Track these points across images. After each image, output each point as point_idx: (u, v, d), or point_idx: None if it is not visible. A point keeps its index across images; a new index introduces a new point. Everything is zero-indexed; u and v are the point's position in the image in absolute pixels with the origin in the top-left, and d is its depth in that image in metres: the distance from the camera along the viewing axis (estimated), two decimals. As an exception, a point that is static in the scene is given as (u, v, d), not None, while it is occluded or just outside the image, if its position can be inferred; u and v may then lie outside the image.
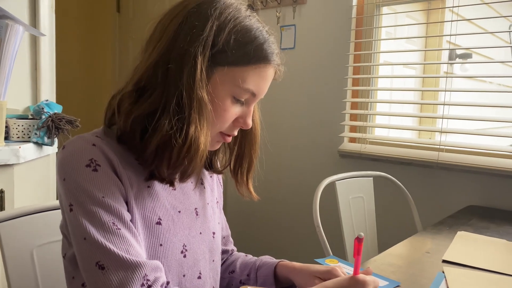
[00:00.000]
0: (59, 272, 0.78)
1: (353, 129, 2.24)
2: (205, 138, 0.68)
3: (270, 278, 0.88)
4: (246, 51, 0.69)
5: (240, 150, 0.83)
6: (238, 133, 0.81)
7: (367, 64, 2.16)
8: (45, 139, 1.59)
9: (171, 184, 0.74)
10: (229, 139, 0.77)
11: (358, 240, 0.69)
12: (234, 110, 0.73)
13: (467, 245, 1.23)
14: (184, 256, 0.75)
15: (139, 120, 0.68)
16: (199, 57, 0.66)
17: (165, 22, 0.71)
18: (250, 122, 0.76)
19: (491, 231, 1.39)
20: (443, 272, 1.01)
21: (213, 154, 0.86)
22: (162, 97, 0.67)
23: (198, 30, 0.67)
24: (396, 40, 2.37)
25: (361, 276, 0.71)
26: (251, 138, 0.82)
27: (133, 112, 0.68)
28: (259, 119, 0.84)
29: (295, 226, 2.39)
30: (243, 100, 0.73)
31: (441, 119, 1.89)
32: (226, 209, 2.67)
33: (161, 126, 0.66)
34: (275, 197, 2.44)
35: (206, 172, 0.88)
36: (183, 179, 0.72)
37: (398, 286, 0.93)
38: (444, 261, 1.09)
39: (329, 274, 0.80)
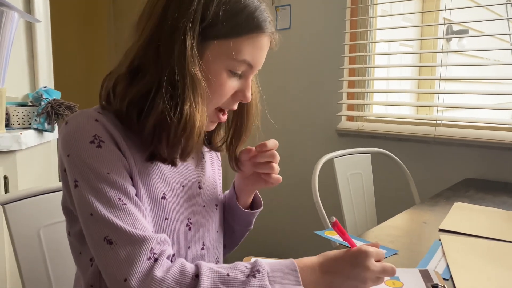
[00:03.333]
0: (66, 249, 0.81)
1: (350, 107, 2.26)
2: (201, 115, 0.68)
3: (231, 194, 0.91)
4: (237, 22, 0.68)
5: (237, 125, 0.83)
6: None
7: (363, 42, 2.16)
8: (46, 125, 1.60)
9: (173, 164, 0.74)
10: (224, 118, 0.77)
11: (332, 225, 0.71)
12: (231, 84, 0.72)
13: (463, 214, 1.26)
14: (189, 229, 0.77)
15: (134, 102, 0.68)
16: (189, 32, 0.66)
17: (153, 1, 0.70)
18: (249, 95, 0.75)
19: (487, 201, 1.42)
20: (440, 240, 1.04)
21: (212, 131, 0.86)
22: (155, 77, 0.67)
23: (186, 5, 0.66)
24: (392, 18, 2.36)
25: (364, 246, 0.71)
26: (246, 112, 0.82)
27: (128, 95, 0.68)
28: (257, 93, 0.82)
29: (295, 202, 2.43)
30: (239, 72, 0.72)
31: (437, 94, 1.90)
32: (226, 188, 2.70)
33: (156, 105, 0.66)
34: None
35: (204, 147, 0.88)
36: (183, 157, 0.72)
37: (396, 253, 0.96)
38: (440, 230, 1.12)
39: (260, 147, 0.81)
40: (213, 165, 0.91)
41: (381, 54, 2.23)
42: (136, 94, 0.68)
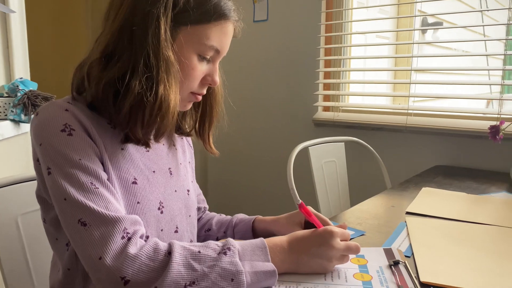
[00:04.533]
0: (44, 236, 0.83)
1: (327, 98, 2.31)
2: (175, 96, 0.72)
3: (248, 233, 0.94)
4: (206, 9, 0.73)
5: (204, 110, 0.88)
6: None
7: (338, 33, 2.21)
8: (22, 116, 1.60)
9: (146, 145, 0.77)
10: (200, 98, 0.82)
11: (299, 207, 0.79)
12: (201, 68, 0.77)
13: (429, 198, 1.32)
14: (161, 212, 0.80)
15: (110, 84, 0.71)
16: (162, 18, 0.70)
17: None
18: (217, 79, 0.81)
19: (454, 186, 1.49)
20: (405, 221, 1.10)
21: (181, 117, 0.90)
22: (130, 60, 0.70)
23: None
24: (369, 10, 2.41)
25: (329, 226, 0.76)
26: (213, 98, 0.87)
27: (104, 78, 0.71)
28: (220, 80, 0.87)
29: (271, 188, 2.48)
30: (208, 57, 0.77)
31: (409, 84, 1.96)
32: (207, 177, 2.74)
33: (132, 87, 0.69)
34: (254, 166, 2.51)
35: (176, 135, 0.92)
36: (157, 138, 0.77)
37: (363, 234, 1.01)
38: (407, 212, 1.18)
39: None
40: (185, 152, 0.94)
41: (354, 46, 2.28)
42: (111, 77, 0.71)
